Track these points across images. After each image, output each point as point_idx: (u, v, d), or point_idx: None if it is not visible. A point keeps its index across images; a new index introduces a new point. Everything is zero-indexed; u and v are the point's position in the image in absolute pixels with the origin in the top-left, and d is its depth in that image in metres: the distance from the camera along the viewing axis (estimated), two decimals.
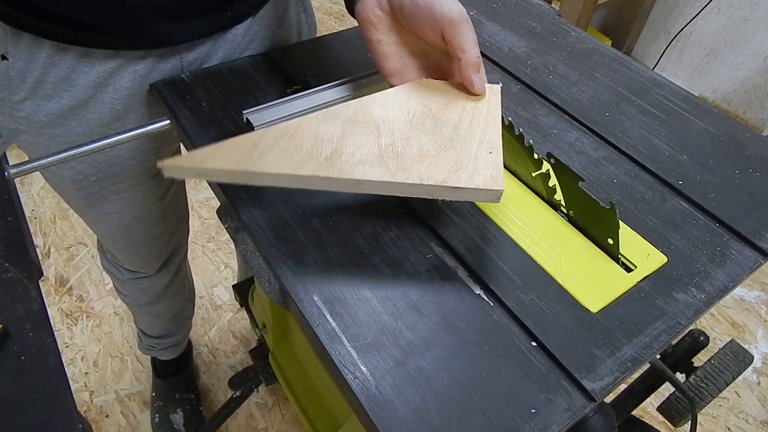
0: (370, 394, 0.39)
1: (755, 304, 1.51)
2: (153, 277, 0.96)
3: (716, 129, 0.64)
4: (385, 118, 0.46)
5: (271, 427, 1.23)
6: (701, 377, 0.55)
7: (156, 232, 0.87)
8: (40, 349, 0.39)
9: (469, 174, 0.42)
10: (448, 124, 0.46)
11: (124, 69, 0.62)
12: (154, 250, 0.91)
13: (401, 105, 0.47)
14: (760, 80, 1.96)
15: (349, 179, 0.42)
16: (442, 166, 0.43)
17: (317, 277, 0.46)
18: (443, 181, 0.42)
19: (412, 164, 0.43)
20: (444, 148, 0.44)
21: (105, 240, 0.88)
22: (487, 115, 0.47)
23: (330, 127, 0.44)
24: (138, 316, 1.10)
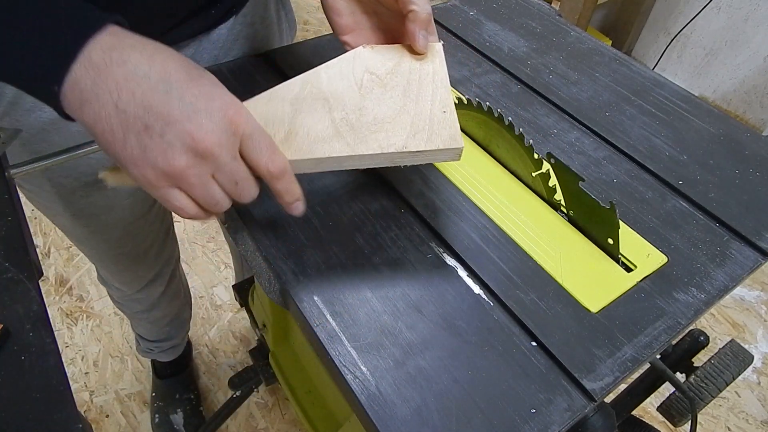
0: (370, 394, 0.39)
1: (755, 304, 1.51)
2: (147, 289, 0.95)
3: (716, 129, 0.64)
4: (334, 91, 0.45)
5: (271, 427, 1.23)
6: (701, 377, 0.55)
7: (145, 245, 0.86)
8: (40, 349, 0.39)
9: (428, 136, 0.43)
10: (397, 89, 0.46)
11: None
12: (145, 263, 0.89)
13: (347, 75, 0.46)
14: (760, 80, 1.96)
15: (309, 159, 0.41)
16: (399, 131, 0.43)
17: (317, 277, 0.46)
18: (404, 146, 0.42)
19: (369, 134, 0.42)
20: (398, 114, 0.44)
21: (96, 260, 0.87)
22: (434, 75, 0.46)
23: (279, 108, 0.43)
24: (135, 322, 1.09)
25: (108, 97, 0.35)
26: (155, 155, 0.36)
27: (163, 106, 0.35)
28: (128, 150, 0.36)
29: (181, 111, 0.36)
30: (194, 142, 0.36)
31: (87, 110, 0.35)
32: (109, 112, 0.35)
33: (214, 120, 0.36)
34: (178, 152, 0.36)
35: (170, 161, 0.36)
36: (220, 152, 0.37)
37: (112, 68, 0.35)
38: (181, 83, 0.36)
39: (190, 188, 0.38)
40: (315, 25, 2.39)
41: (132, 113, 0.35)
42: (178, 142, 0.36)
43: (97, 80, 0.35)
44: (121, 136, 0.36)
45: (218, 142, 0.37)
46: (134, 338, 1.17)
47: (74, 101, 0.35)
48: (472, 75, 0.70)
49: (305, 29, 2.34)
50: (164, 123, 0.35)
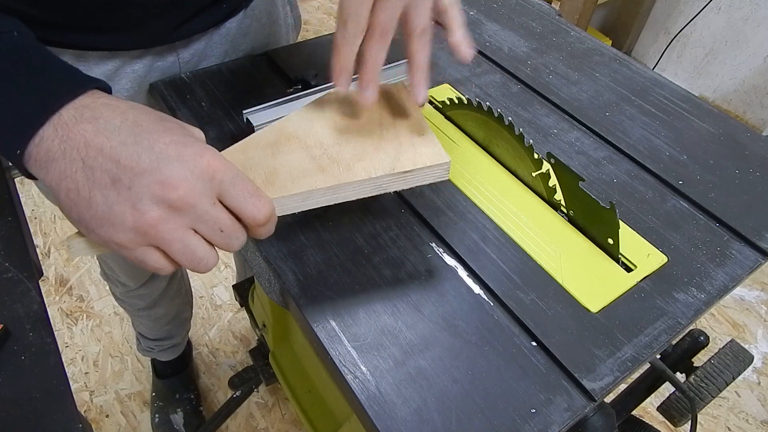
0: (370, 394, 0.39)
1: (755, 304, 1.51)
2: (149, 285, 0.96)
3: (716, 129, 0.64)
4: (308, 132, 0.44)
5: (271, 427, 1.23)
6: (701, 377, 0.55)
7: None
8: (40, 349, 0.39)
9: (413, 157, 0.42)
10: (371, 123, 0.45)
11: (122, 70, 0.62)
12: None
13: (319, 117, 0.46)
14: (760, 80, 1.96)
15: (295, 194, 0.40)
16: (383, 158, 0.42)
17: (317, 277, 0.46)
18: (391, 168, 0.41)
19: (354, 163, 0.42)
20: (378, 143, 0.43)
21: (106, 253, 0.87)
22: (402, 104, 0.46)
23: (255, 154, 0.42)
24: (136, 320, 1.10)
25: (76, 154, 0.33)
26: (123, 210, 0.33)
27: (132, 157, 0.33)
28: (93, 209, 0.33)
29: (151, 160, 0.33)
30: (165, 192, 0.33)
31: (53, 169, 0.33)
32: (76, 168, 0.33)
33: (187, 167, 0.33)
34: (148, 205, 0.33)
35: (140, 215, 0.33)
36: (197, 200, 0.33)
37: (82, 125, 0.33)
38: (153, 133, 0.34)
39: (166, 245, 0.34)
40: (315, 25, 2.40)
41: (99, 168, 0.33)
42: (148, 194, 0.33)
43: (65, 138, 0.33)
44: (86, 194, 0.33)
45: (192, 189, 0.33)
46: (134, 337, 1.17)
47: (40, 160, 0.34)
48: (472, 75, 0.70)
49: (305, 29, 2.34)
50: (132, 174, 0.33)
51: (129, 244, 0.34)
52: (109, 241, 0.34)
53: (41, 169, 0.34)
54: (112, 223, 0.33)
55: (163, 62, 0.64)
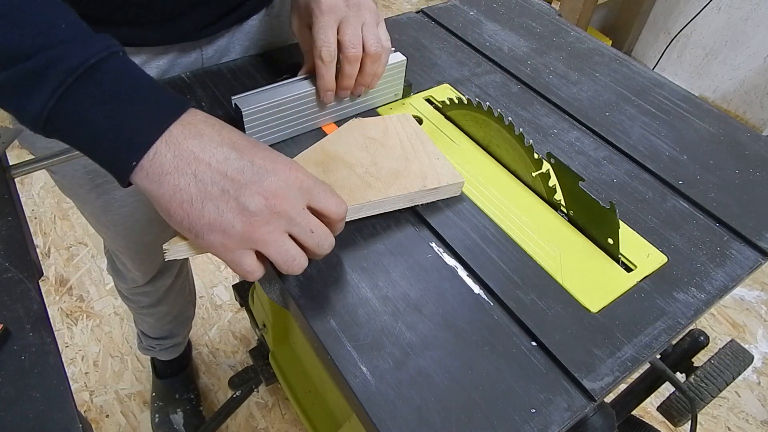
0: (370, 394, 0.39)
1: (755, 304, 1.51)
2: (155, 281, 0.96)
3: (716, 129, 0.64)
4: (347, 152, 0.53)
5: (271, 427, 1.23)
6: (701, 377, 0.55)
7: (167, 235, 0.86)
8: (40, 349, 0.39)
9: (437, 177, 0.52)
10: (396, 148, 0.54)
11: (148, 65, 0.63)
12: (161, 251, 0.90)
13: (352, 141, 0.54)
14: (760, 80, 1.96)
15: (353, 206, 0.48)
16: (414, 177, 0.51)
17: (317, 277, 0.46)
18: (423, 186, 0.51)
19: (392, 181, 0.51)
20: (407, 165, 0.53)
21: (116, 244, 0.87)
22: (416, 134, 0.56)
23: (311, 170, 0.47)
24: (139, 317, 1.10)
25: (187, 168, 0.37)
26: (232, 217, 0.37)
27: (237, 171, 0.38)
28: (206, 217, 0.37)
29: (253, 174, 0.38)
30: (267, 201, 0.38)
31: (166, 182, 0.37)
32: (188, 182, 0.37)
33: (281, 178, 0.39)
34: (252, 212, 0.38)
35: (247, 221, 0.38)
36: (292, 206, 0.39)
37: (190, 140, 0.38)
38: (248, 150, 0.39)
39: (265, 246, 0.39)
40: None
41: (209, 181, 0.37)
42: (253, 203, 0.38)
43: (177, 153, 0.37)
44: (199, 205, 0.37)
45: (288, 197, 0.39)
46: (136, 336, 1.17)
47: (153, 173, 0.37)
48: (472, 75, 0.70)
49: None
50: (239, 186, 0.38)
51: (233, 247, 0.39)
52: (217, 245, 0.38)
53: (153, 183, 0.37)
54: (223, 229, 0.38)
55: (186, 58, 0.65)
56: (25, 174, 0.55)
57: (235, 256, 0.39)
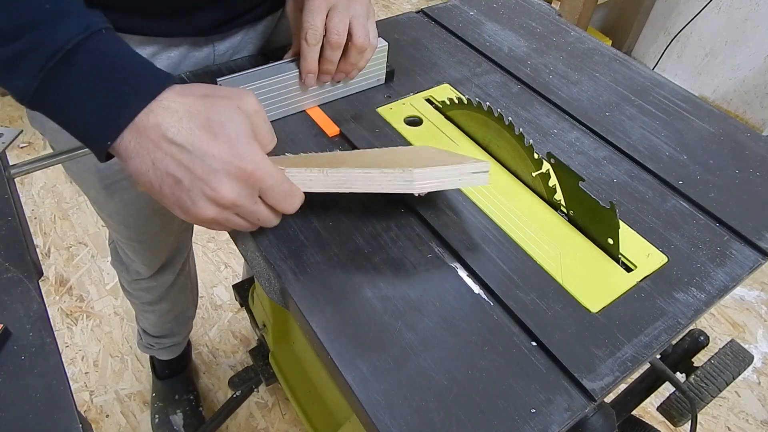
0: (370, 394, 0.39)
1: (755, 304, 1.51)
2: (158, 276, 0.96)
3: (716, 129, 0.64)
4: (359, 158, 0.51)
5: (271, 427, 1.23)
6: (701, 377, 0.55)
7: (171, 227, 0.87)
8: (40, 349, 0.39)
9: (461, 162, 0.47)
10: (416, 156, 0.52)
11: (159, 56, 0.63)
12: (165, 243, 0.91)
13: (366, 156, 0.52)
14: (760, 80, 1.96)
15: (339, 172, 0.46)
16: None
17: (317, 277, 0.46)
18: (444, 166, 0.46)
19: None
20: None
21: (119, 234, 0.88)
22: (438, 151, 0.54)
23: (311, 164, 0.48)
24: (141, 315, 1.10)
25: (147, 156, 0.40)
26: (187, 206, 0.41)
27: (189, 163, 0.40)
28: (165, 198, 0.42)
29: (203, 169, 0.40)
30: (216, 197, 0.41)
31: (131, 164, 0.41)
32: (147, 168, 0.40)
33: (232, 177, 0.40)
34: (203, 206, 0.41)
35: (198, 211, 0.41)
36: (241, 202, 0.42)
37: (149, 131, 0.40)
38: (204, 143, 0.40)
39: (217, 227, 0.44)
40: None
41: (164, 169, 0.40)
42: (204, 198, 0.41)
43: (139, 140, 0.40)
44: (158, 187, 0.41)
45: (237, 195, 0.41)
46: (136, 333, 1.17)
47: (122, 155, 0.41)
48: (472, 75, 0.70)
49: None
50: (190, 178, 0.40)
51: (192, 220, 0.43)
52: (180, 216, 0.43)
53: (123, 161, 0.41)
54: (181, 208, 0.42)
55: (198, 52, 0.65)
56: (25, 174, 0.55)
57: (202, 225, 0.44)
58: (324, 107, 0.63)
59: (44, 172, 1.71)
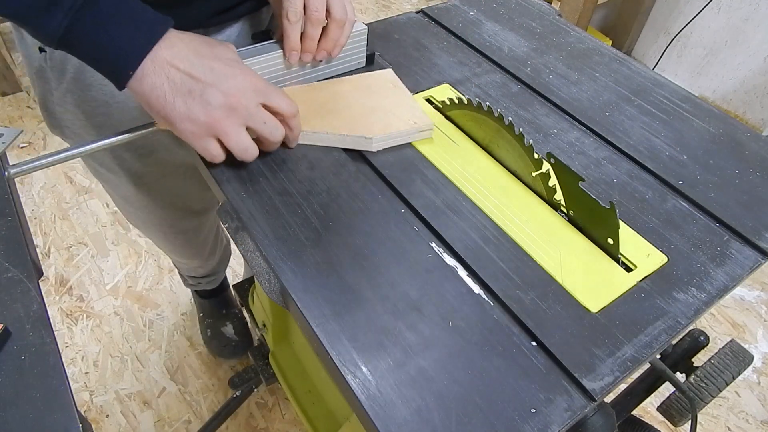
0: (370, 394, 0.39)
1: (755, 304, 1.51)
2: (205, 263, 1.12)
3: (716, 129, 0.64)
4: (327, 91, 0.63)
5: (271, 427, 1.23)
6: (701, 377, 0.55)
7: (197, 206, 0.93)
8: (40, 349, 0.39)
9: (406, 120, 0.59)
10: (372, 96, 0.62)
11: None
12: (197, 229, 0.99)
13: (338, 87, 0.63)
14: (760, 80, 1.96)
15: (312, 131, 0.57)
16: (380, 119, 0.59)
17: (317, 277, 0.46)
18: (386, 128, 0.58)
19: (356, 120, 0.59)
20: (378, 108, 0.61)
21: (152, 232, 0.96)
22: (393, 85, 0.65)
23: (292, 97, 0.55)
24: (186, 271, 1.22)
25: (162, 73, 0.47)
26: (197, 111, 0.48)
27: (201, 74, 0.48)
28: (177, 110, 0.48)
29: (212, 78, 0.48)
30: (226, 99, 0.48)
31: (146, 82, 0.47)
32: (162, 81, 0.47)
33: (238, 81, 0.49)
34: (214, 107, 0.48)
35: (210, 114, 0.48)
36: (247, 103, 0.49)
37: (164, 51, 0.47)
38: (209, 58, 0.49)
39: (225, 137, 0.49)
40: None
41: (178, 82, 0.47)
42: (214, 100, 0.48)
43: (154, 60, 0.47)
44: (171, 100, 0.47)
45: (244, 96, 0.49)
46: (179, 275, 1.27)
47: (137, 76, 0.47)
48: (472, 75, 0.70)
49: None
50: (203, 86, 0.47)
51: (199, 135, 0.49)
52: (187, 133, 0.49)
53: (136, 81, 0.47)
54: (190, 119, 0.48)
55: None
56: (25, 174, 0.55)
57: (203, 143, 0.50)
58: None
59: (44, 172, 1.71)
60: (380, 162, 0.57)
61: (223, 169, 0.55)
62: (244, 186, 0.53)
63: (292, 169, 0.55)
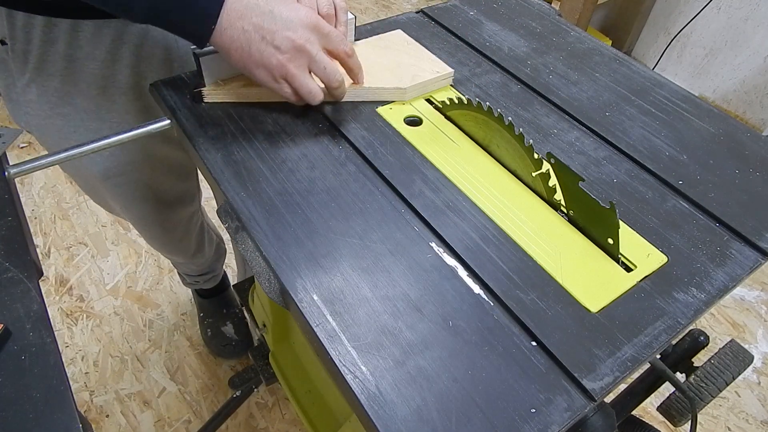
0: (370, 394, 0.39)
1: (755, 304, 1.51)
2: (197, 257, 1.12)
3: (716, 129, 0.64)
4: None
5: (271, 427, 1.23)
6: (701, 377, 0.55)
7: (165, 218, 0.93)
8: (40, 349, 0.39)
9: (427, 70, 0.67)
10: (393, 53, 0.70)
11: (120, 40, 0.64)
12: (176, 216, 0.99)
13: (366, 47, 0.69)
14: (760, 80, 1.96)
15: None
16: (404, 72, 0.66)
17: (317, 277, 0.46)
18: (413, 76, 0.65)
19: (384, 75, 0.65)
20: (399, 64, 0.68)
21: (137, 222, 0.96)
22: (407, 43, 0.71)
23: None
24: (181, 269, 1.23)
25: (238, 24, 0.52)
26: (269, 56, 0.53)
27: (269, 23, 0.52)
28: (253, 57, 0.53)
29: (281, 23, 0.53)
30: (293, 42, 0.53)
31: (225, 35, 0.52)
32: (239, 34, 0.52)
33: (303, 25, 0.54)
34: (283, 51, 0.53)
35: (281, 56, 0.53)
36: (311, 46, 0.54)
37: (234, 4, 0.51)
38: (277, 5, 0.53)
39: (293, 79, 0.55)
40: None
41: (252, 31, 0.52)
42: (283, 44, 0.53)
43: (229, 14, 0.51)
44: (247, 49, 0.53)
45: (308, 38, 0.54)
46: (178, 275, 1.27)
47: (217, 31, 0.52)
48: (472, 75, 0.70)
49: None
50: (272, 33, 0.52)
51: (272, 77, 0.55)
52: (263, 77, 0.55)
53: (217, 36, 0.52)
54: (265, 65, 0.54)
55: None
56: (25, 174, 0.55)
57: (277, 86, 0.55)
58: (324, 106, 0.63)
59: (44, 172, 1.71)
60: (380, 162, 0.57)
61: (223, 169, 0.55)
62: (244, 186, 0.53)
63: (292, 169, 0.56)
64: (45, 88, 0.65)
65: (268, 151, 0.57)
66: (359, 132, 0.60)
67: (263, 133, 0.59)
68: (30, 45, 0.61)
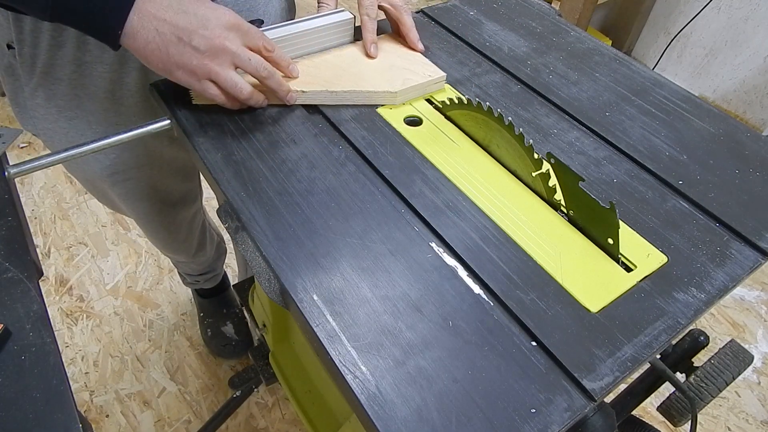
0: (370, 394, 0.39)
1: (755, 304, 1.51)
2: (198, 256, 1.11)
3: (716, 129, 0.64)
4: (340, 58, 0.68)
5: (271, 427, 1.23)
6: (701, 377, 0.55)
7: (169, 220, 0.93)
8: (40, 349, 0.39)
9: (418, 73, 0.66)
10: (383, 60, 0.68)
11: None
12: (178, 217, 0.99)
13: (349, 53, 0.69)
14: (760, 80, 1.96)
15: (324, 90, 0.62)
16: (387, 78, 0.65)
17: (317, 277, 0.46)
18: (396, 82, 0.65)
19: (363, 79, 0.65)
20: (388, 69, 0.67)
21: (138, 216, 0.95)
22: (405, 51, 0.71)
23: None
24: (181, 267, 1.23)
25: (150, 25, 0.50)
26: (189, 57, 0.51)
27: (185, 22, 0.50)
28: (172, 59, 0.51)
29: (197, 23, 0.51)
30: (211, 41, 0.51)
31: (138, 38, 0.50)
32: (153, 35, 0.50)
33: (221, 24, 0.52)
34: (202, 51, 0.51)
35: (200, 57, 0.51)
36: (230, 44, 0.52)
37: (146, 5, 0.49)
38: (191, 5, 0.51)
39: (216, 77, 0.53)
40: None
41: (167, 33, 0.50)
42: (201, 44, 0.51)
43: (140, 16, 0.49)
44: (165, 50, 0.50)
45: (227, 37, 0.52)
46: (179, 275, 1.28)
47: (129, 33, 0.50)
48: (472, 75, 0.70)
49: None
50: (189, 33, 0.50)
51: (196, 77, 0.53)
52: (184, 79, 0.53)
53: (130, 38, 0.50)
54: (184, 65, 0.52)
55: None
56: (25, 174, 0.55)
57: (201, 86, 0.54)
58: (324, 106, 0.63)
59: (44, 172, 1.71)
60: (380, 162, 0.57)
61: (223, 169, 0.55)
62: (244, 186, 0.53)
63: (292, 169, 0.56)
64: (53, 92, 0.65)
65: (268, 151, 0.57)
66: (359, 132, 0.60)
67: (263, 133, 0.59)
68: (38, 49, 0.61)
